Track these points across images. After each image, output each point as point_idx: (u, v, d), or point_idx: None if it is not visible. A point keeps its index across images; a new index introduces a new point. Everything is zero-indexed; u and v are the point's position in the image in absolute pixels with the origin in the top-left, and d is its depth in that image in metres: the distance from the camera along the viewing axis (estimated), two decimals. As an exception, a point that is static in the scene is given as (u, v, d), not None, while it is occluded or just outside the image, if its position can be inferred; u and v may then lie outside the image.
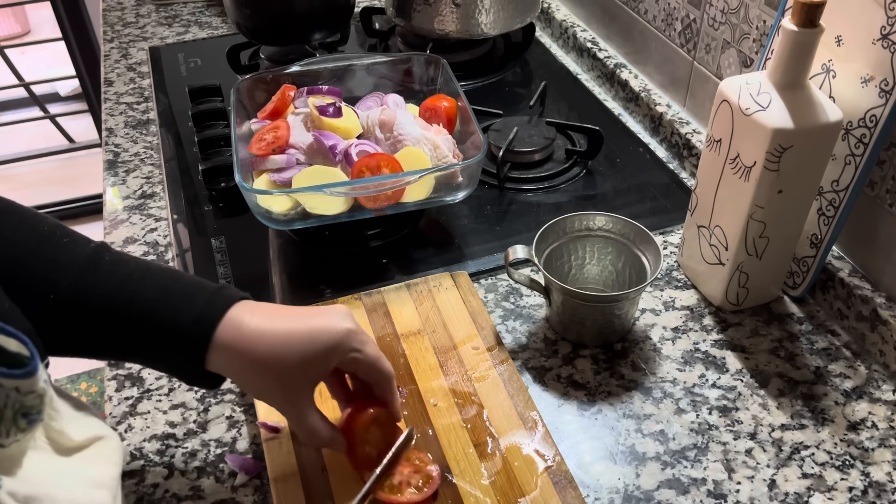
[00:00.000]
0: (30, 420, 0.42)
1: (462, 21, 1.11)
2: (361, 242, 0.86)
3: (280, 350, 0.54)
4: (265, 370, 0.54)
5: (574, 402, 0.68)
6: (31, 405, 0.42)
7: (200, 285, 0.56)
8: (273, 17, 1.10)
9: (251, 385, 0.56)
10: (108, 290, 0.54)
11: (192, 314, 0.53)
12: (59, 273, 0.53)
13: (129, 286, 0.54)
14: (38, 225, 0.55)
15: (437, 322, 0.73)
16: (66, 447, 0.47)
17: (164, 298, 0.54)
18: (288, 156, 0.80)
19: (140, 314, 0.53)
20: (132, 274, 0.55)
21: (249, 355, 0.53)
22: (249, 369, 0.54)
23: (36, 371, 0.41)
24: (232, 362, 0.54)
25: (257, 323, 0.54)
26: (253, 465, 0.63)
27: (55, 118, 2.49)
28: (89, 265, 0.54)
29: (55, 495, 0.42)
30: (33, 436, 0.44)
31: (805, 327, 0.75)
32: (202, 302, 0.54)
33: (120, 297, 0.54)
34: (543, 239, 0.73)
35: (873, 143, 0.66)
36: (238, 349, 0.53)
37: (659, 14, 1.00)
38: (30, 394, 0.41)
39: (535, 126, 0.99)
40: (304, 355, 0.54)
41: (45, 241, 0.54)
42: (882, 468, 0.63)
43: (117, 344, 0.55)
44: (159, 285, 0.55)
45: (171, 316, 0.53)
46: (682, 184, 0.94)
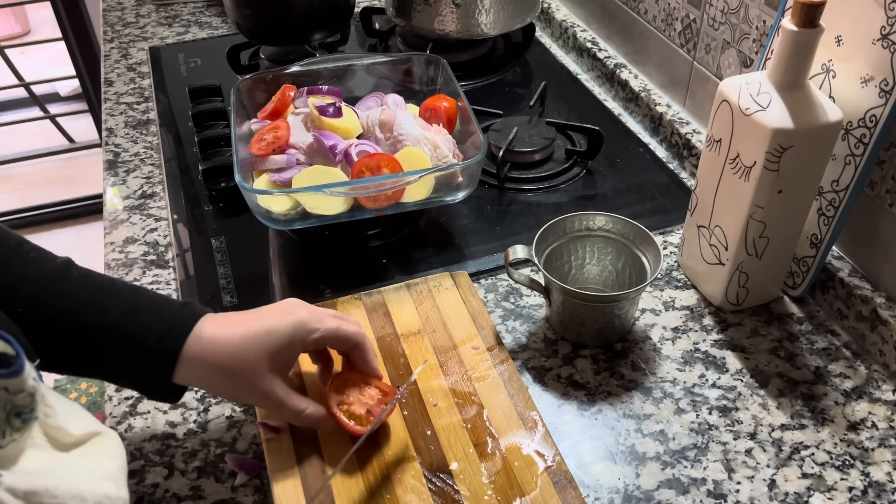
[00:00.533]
0: (23, 419, 0.42)
1: (462, 21, 1.11)
2: (361, 242, 0.86)
3: (243, 353, 0.57)
4: (232, 374, 0.57)
5: (574, 402, 0.68)
6: (23, 404, 0.42)
7: (166, 301, 0.58)
8: (273, 17, 1.10)
9: (223, 390, 0.59)
10: (76, 303, 0.55)
11: (160, 329, 0.56)
12: (27, 286, 0.55)
13: (98, 300, 0.56)
14: (4, 237, 0.57)
15: (437, 322, 0.73)
16: (65, 443, 0.47)
17: (133, 313, 0.56)
18: (288, 156, 0.80)
19: (109, 328, 0.55)
20: (100, 288, 0.57)
21: (215, 363, 0.56)
22: (218, 375, 0.57)
23: (22, 369, 0.41)
24: (200, 372, 0.57)
25: (218, 332, 0.57)
26: (253, 465, 0.63)
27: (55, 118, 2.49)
28: (57, 279, 0.56)
29: (56, 489, 0.42)
30: (30, 434, 0.44)
31: (805, 327, 0.75)
32: (169, 317, 0.57)
33: (89, 311, 0.55)
34: (543, 239, 0.73)
35: (873, 143, 0.66)
36: (203, 359, 0.56)
37: (659, 14, 1.00)
38: (20, 393, 0.41)
39: (535, 126, 0.99)
40: (266, 351, 0.57)
41: (12, 253, 0.56)
42: (882, 468, 0.63)
43: (83, 357, 0.57)
44: (127, 300, 0.57)
45: (139, 331, 0.56)
46: (682, 184, 0.94)
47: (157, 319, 0.56)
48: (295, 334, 0.58)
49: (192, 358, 0.56)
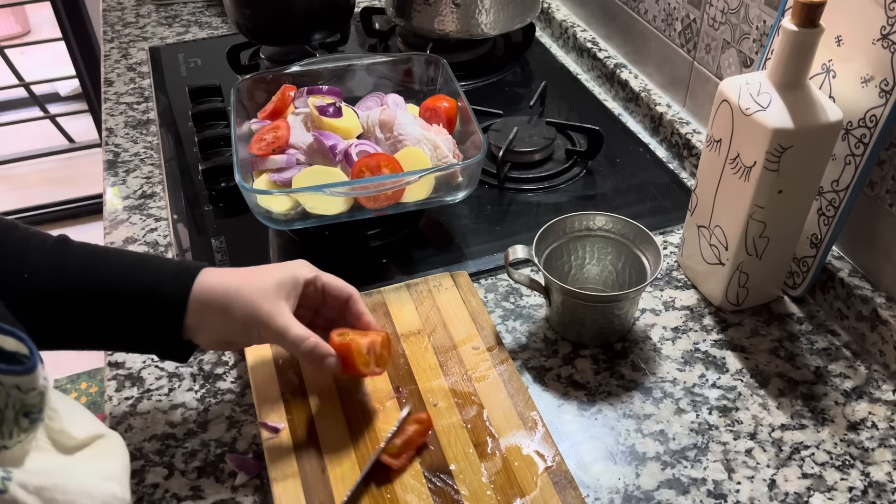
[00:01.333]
0: (31, 419, 0.42)
1: (462, 21, 1.11)
2: (361, 242, 0.86)
3: (248, 285, 0.60)
4: (242, 304, 0.59)
5: (574, 402, 0.68)
6: (32, 403, 0.42)
7: (164, 259, 0.61)
8: (273, 17, 1.10)
9: (232, 325, 0.60)
10: (80, 268, 0.57)
11: (166, 277, 0.58)
12: (32, 255, 0.57)
13: (99, 263, 0.58)
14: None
15: (437, 322, 0.73)
16: (69, 446, 0.47)
17: (137, 272, 0.58)
18: (288, 156, 0.80)
19: (115, 286, 0.57)
20: (101, 253, 0.59)
21: (222, 298, 0.59)
22: (225, 312, 0.59)
23: (35, 367, 0.41)
24: (208, 313, 0.59)
25: (224, 274, 0.60)
26: (253, 465, 0.63)
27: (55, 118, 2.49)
28: (59, 247, 0.58)
29: (66, 486, 0.43)
30: (35, 437, 0.44)
31: (805, 327, 0.75)
32: (172, 268, 0.59)
33: (93, 274, 0.57)
34: (543, 239, 0.73)
35: (873, 143, 0.66)
36: (212, 299, 0.59)
37: (659, 14, 1.00)
38: (31, 391, 0.41)
39: (535, 126, 0.99)
40: (272, 280, 0.60)
41: (11, 230, 0.58)
42: (882, 468, 0.63)
43: (91, 323, 0.58)
44: (128, 261, 0.59)
45: (146, 284, 0.58)
46: (682, 184, 0.94)
47: (161, 273, 0.59)
48: (298, 270, 0.62)
49: (202, 300, 0.58)
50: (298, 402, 0.66)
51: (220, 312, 0.59)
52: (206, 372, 0.71)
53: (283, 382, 0.67)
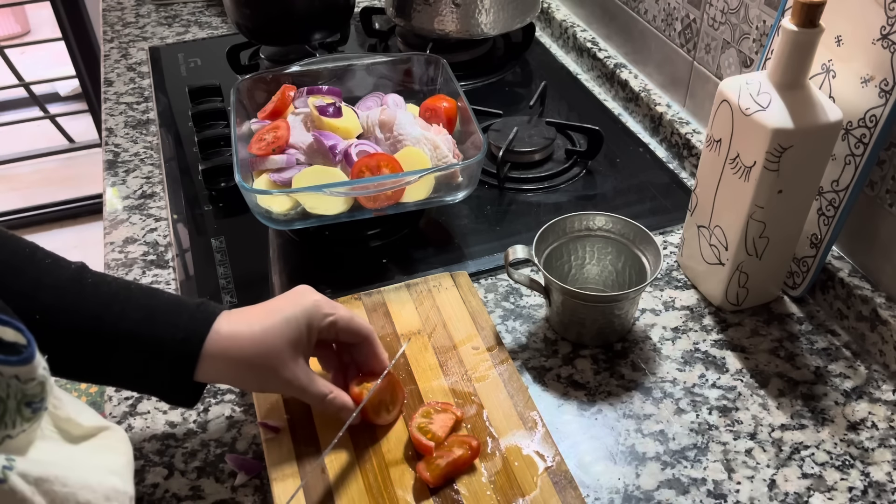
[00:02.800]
0: (34, 409, 0.42)
1: (462, 21, 1.11)
2: (361, 242, 0.86)
3: (264, 345, 0.58)
4: (255, 366, 0.58)
5: (574, 402, 0.68)
6: (34, 393, 0.42)
7: (182, 302, 0.59)
8: (273, 17, 1.10)
9: (248, 383, 0.60)
10: (94, 310, 0.56)
11: (179, 330, 0.56)
12: (44, 293, 0.55)
13: (114, 306, 0.56)
14: (18, 245, 0.57)
15: (437, 322, 0.73)
16: (75, 435, 0.47)
17: (150, 317, 0.56)
18: (288, 156, 0.80)
19: (128, 333, 0.56)
20: (116, 294, 0.57)
21: (237, 358, 0.57)
22: (240, 369, 0.58)
23: (34, 357, 0.41)
24: (222, 368, 0.57)
25: (237, 328, 0.58)
26: (253, 465, 0.63)
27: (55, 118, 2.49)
28: (73, 286, 0.56)
29: (67, 477, 0.43)
30: (40, 425, 0.44)
31: (805, 327, 0.75)
32: (187, 317, 0.57)
33: (107, 317, 0.56)
34: (543, 239, 0.73)
35: (873, 143, 0.66)
36: (225, 356, 0.57)
37: (659, 14, 1.00)
38: (30, 381, 0.41)
39: (535, 126, 0.99)
40: (286, 339, 0.58)
41: (27, 261, 0.56)
42: (882, 468, 0.63)
43: (101, 364, 0.57)
44: (143, 304, 0.57)
45: (158, 333, 0.56)
46: (682, 184, 0.94)
47: (175, 322, 0.57)
48: (311, 317, 0.60)
49: (214, 356, 0.56)
50: (298, 402, 0.66)
51: (232, 374, 0.58)
52: (206, 372, 0.71)
53: (283, 382, 0.67)
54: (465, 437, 0.62)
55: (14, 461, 0.40)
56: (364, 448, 0.62)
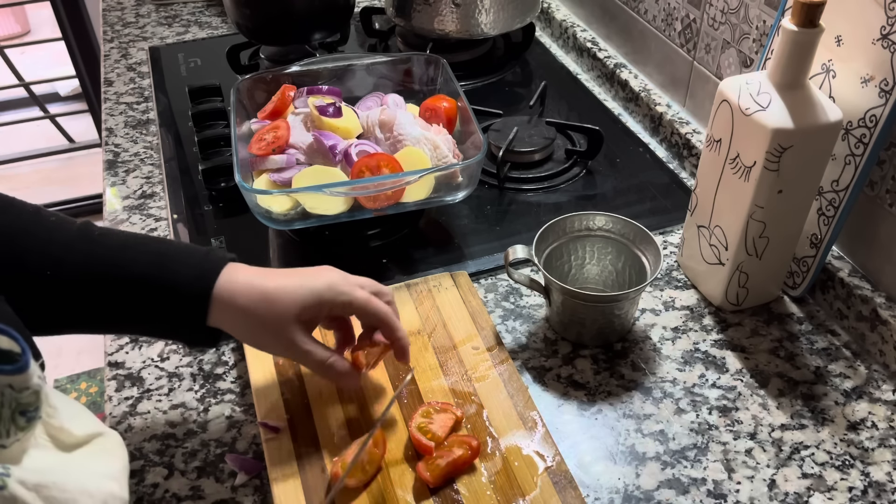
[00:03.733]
0: (28, 418, 0.42)
1: (462, 21, 1.11)
2: (361, 242, 0.86)
3: (275, 300, 0.58)
4: (262, 319, 0.58)
5: (574, 402, 0.68)
6: (28, 402, 0.42)
7: (191, 248, 0.60)
8: (273, 17, 1.10)
9: (250, 335, 0.61)
10: (105, 259, 0.57)
11: (190, 272, 0.57)
12: (54, 248, 0.56)
13: (124, 254, 0.57)
14: (22, 207, 0.58)
15: (437, 322, 0.73)
16: (68, 444, 0.47)
17: (160, 263, 0.57)
18: (288, 156, 0.80)
19: (140, 277, 0.57)
20: (125, 242, 0.58)
21: (246, 307, 0.58)
22: (247, 319, 0.58)
23: (28, 366, 0.41)
24: (231, 315, 0.58)
25: (250, 278, 0.59)
26: (253, 465, 0.63)
27: (55, 118, 2.49)
28: (82, 238, 0.57)
29: (66, 483, 0.43)
30: (34, 434, 0.44)
31: (805, 327, 0.75)
32: (197, 261, 0.58)
33: (119, 264, 0.57)
34: (543, 239, 0.73)
35: (873, 143, 0.66)
36: (235, 302, 0.58)
37: (659, 14, 1.00)
38: (25, 390, 0.41)
39: (535, 126, 0.99)
40: (296, 302, 0.58)
41: (33, 221, 0.57)
42: (882, 468, 0.63)
43: (118, 312, 0.58)
44: (153, 250, 0.58)
45: (170, 276, 0.57)
46: (682, 184, 0.94)
47: (186, 264, 0.58)
48: (326, 292, 0.60)
49: (224, 300, 0.57)
50: (298, 402, 0.66)
51: (239, 322, 0.59)
52: (206, 372, 0.71)
53: (283, 382, 0.67)
54: (465, 437, 0.62)
55: (10, 469, 0.40)
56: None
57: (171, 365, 0.72)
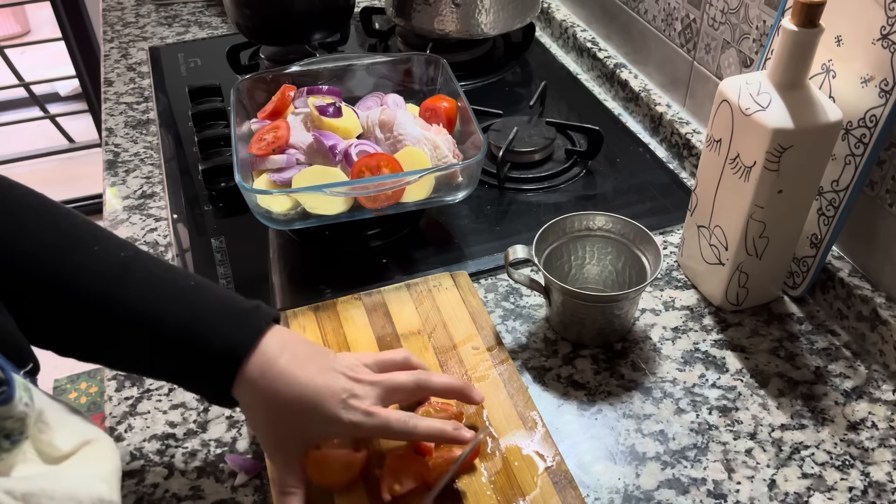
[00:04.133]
0: (12, 441, 0.41)
1: (462, 21, 1.11)
2: (361, 242, 0.86)
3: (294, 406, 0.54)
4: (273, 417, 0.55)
5: (574, 402, 0.68)
6: (12, 428, 0.41)
7: (230, 305, 0.55)
8: (273, 17, 1.10)
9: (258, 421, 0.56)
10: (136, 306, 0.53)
11: (221, 342, 0.53)
12: (85, 279, 0.53)
13: (157, 306, 0.53)
14: (69, 226, 0.55)
15: (437, 322, 0.73)
16: (55, 457, 0.46)
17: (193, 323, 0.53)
18: (288, 156, 0.80)
19: (169, 337, 0.53)
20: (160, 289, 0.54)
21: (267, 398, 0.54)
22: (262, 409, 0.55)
23: (12, 397, 0.40)
24: (250, 397, 0.55)
25: (283, 366, 0.54)
26: (253, 465, 0.63)
27: (55, 118, 2.49)
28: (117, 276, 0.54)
29: (54, 490, 0.42)
30: (22, 451, 0.43)
31: (805, 327, 0.75)
32: (232, 328, 0.54)
33: (148, 316, 0.53)
34: (543, 239, 0.73)
35: (873, 143, 0.66)
36: (259, 388, 0.54)
37: (659, 14, 1.00)
38: (8, 419, 0.41)
39: (535, 126, 0.99)
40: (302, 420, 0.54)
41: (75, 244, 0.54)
42: (882, 468, 0.63)
43: (140, 360, 0.56)
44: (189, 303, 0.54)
45: (200, 344, 0.53)
46: (682, 184, 0.94)
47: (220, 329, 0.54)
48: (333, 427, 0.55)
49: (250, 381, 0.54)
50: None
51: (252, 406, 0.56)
52: (206, 372, 0.71)
53: (283, 382, 0.67)
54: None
55: None
56: (365, 448, 0.62)
57: (171, 365, 0.72)
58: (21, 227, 0.53)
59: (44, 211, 0.55)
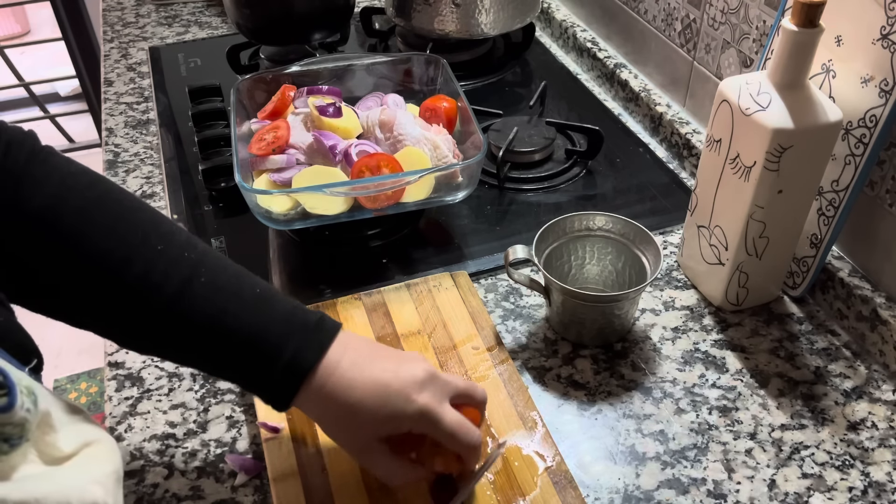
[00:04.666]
0: (11, 444, 0.41)
1: (462, 21, 1.11)
2: (361, 242, 0.86)
3: (358, 407, 0.53)
4: (340, 422, 0.54)
5: (574, 402, 0.68)
6: (11, 433, 0.41)
7: (295, 316, 0.54)
8: (273, 17, 1.10)
9: (327, 428, 0.56)
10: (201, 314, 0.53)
11: (287, 354, 0.53)
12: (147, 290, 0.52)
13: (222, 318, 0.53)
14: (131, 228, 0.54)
15: (437, 322, 0.73)
16: (56, 457, 0.46)
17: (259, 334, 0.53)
18: (288, 156, 0.80)
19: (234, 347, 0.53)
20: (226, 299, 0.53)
21: (332, 405, 0.53)
22: (327, 416, 0.55)
23: (12, 406, 0.40)
24: (313, 405, 0.54)
25: (346, 370, 0.54)
26: (253, 465, 0.63)
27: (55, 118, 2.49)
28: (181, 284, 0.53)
29: (47, 498, 0.42)
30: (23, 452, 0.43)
31: (805, 327, 0.75)
32: (298, 342, 0.53)
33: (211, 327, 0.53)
34: (543, 239, 0.73)
35: (873, 143, 0.66)
36: (322, 395, 0.53)
37: (659, 14, 1.00)
38: (7, 425, 0.41)
39: (535, 126, 0.99)
40: (376, 417, 0.53)
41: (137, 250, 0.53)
42: (882, 468, 0.63)
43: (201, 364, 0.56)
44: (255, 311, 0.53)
45: (265, 355, 0.53)
46: (682, 184, 0.94)
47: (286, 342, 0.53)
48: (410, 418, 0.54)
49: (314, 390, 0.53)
50: (298, 402, 0.66)
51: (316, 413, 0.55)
52: (206, 372, 0.71)
53: (283, 382, 0.67)
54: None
55: None
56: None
57: (171, 365, 0.72)
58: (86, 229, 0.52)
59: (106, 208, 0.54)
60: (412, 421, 0.53)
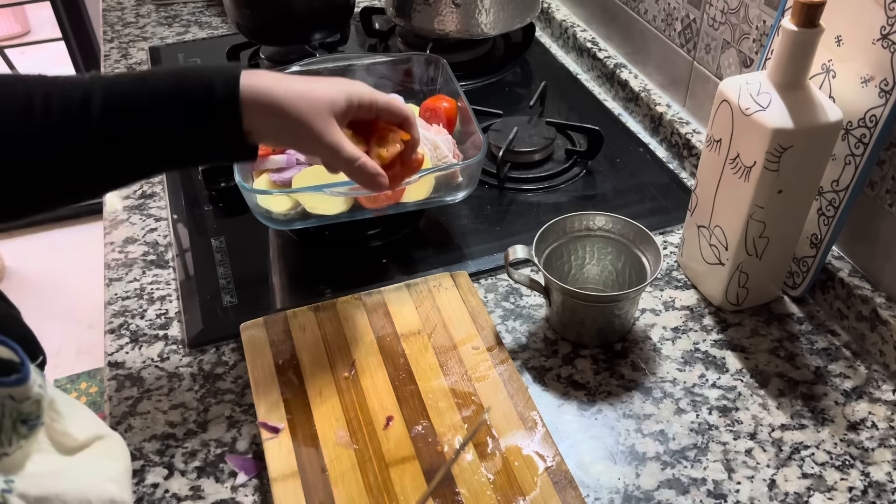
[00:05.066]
0: (30, 426, 0.42)
1: (462, 21, 1.11)
2: (361, 242, 0.86)
3: (306, 92, 0.59)
4: (293, 116, 0.59)
5: (574, 402, 0.68)
6: (29, 411, 0.42)
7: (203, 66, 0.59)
8: (273, 17, 1.10)
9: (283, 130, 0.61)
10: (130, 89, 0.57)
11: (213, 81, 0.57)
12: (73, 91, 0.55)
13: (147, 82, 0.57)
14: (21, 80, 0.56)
15: (438, 322, 0.73)
16: (70, 447, 0.47)
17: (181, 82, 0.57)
18: (288, 156, 0.80)
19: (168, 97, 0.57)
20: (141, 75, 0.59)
21: (278, 100, 0.58)
22: (277, 118, 0.59)
23: (28, 378, 0.41)
24: (267, 111, 0.58)
25: (274, 78, 0.59)
26: (253, 465, 0.63)
27: (55, 118, 2.48)
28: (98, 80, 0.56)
29: (66, 493, 0.42)
30: (37, 439, 0.44)
31: (805, 327, 0.75)
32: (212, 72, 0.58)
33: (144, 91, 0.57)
34: (543, 239, 0.73)
35: (873, 143, 0.66)
36: (267, 98, 0.58)
37: (659, 14, 1.00)
38: (25, 400, 0.41)
39: (535, 126, 0.99)
40: (328, 95, 0.60)
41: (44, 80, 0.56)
42: (882, 468, 0.63)
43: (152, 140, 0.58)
44: (170, 72, 0.59)
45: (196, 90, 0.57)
46: (682, 184, 0.94)
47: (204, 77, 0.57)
48: (353, 90, 0.62)
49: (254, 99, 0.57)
50: (298, 402, 0.66)
51: (271, 118, 0.59)
52: (206, 372, 0.71)
53: (283, 382, 0.68)
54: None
55: (13, 482, 0.40)
56: (364, 448, 0.62)
57: (171, 365, 0.72)
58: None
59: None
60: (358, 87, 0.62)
